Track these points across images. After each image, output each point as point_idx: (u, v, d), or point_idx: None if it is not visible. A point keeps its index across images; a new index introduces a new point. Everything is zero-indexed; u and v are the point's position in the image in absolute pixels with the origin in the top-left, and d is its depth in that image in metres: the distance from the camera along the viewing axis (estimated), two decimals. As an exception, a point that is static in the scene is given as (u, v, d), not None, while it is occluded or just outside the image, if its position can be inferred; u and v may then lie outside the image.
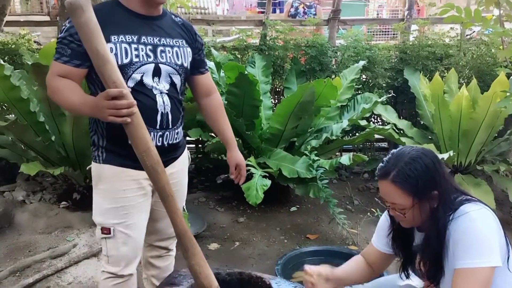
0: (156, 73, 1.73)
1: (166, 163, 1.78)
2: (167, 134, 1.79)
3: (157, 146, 1.67)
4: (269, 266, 2.82)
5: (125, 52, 1.67)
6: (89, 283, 2.66)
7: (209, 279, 1.65)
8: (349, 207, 3.73)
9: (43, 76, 1.79)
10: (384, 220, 1.79)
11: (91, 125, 1.82)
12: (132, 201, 1.80)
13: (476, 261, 1.41)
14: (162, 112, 1.75)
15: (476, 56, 4.27)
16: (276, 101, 4.57)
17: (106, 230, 1.79)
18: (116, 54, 1.64)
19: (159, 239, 2.08)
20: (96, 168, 1.81)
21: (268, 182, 2.98)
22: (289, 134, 3.50)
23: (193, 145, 4.65)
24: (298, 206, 3.72)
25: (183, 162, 2.01)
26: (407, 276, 1.76)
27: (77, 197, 3.41)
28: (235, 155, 2.08)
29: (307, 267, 1.79)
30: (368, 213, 3.30)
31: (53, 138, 3.33)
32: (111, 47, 1.63)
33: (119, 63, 1.63)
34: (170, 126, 1.79)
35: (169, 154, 1.84)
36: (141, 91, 1.69)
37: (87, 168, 2.09)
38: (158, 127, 1.75)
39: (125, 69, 1.66)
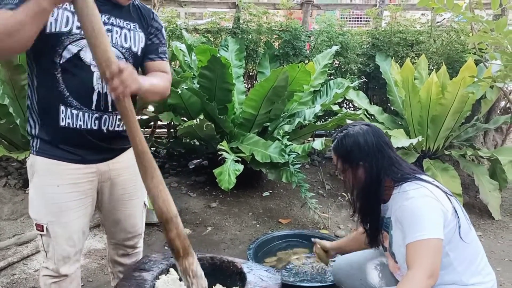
0: None
1: (112, 153, 1.70)
2: (105, 118, 1.62)
3: (92, 130, 1.58)
4: (241, 251, 2.82)
5: (66, 20, 1.50)
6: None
7: (167, 204, 1.51)
8: (320, 192, 3.76)
9: (5, 57, 1.70)
10: None
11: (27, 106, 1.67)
12: (66, 199, 1.65)
13: (418, 234, 1.49)
14: (99, 92, 1.58)
15: (446, 43, 4.35)
16: (249, 85, 4.54)
17: (39, 227, 1.67)
18: (56, 20, 1.48)
19: (124, 238, 1.98)
20: (30, 160, 1.66)
21: (241, 167, 2.96)
22: (262, 119, 3.48)
23: (165, 130, 4.59)
24: (270, 191, 3.73)
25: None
26: (372, 246, 1.86)
27: (43, 183, 3.30)
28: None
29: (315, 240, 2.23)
30: (339, 197, 3.34)
31: (17, 121, 3.20)
32: (53, 11, 1.45)
33: (57, 30, 1.48)
34: (110, 110, 1.62)
35: (111, 142, 1.69)
36: (76, 64, 1.54)
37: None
38: (94, 107, 1.59)
39: (62, 38, 1.50)
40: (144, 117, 3.66)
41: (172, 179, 3.92)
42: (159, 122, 4.10)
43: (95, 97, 1.59)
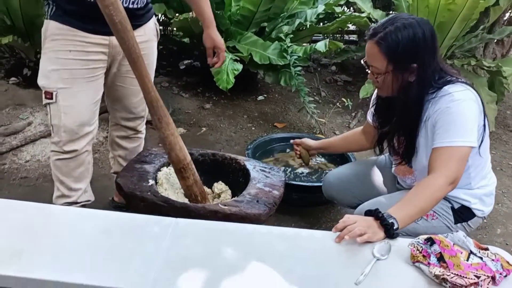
0: None
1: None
2: None
3: None
4: (238, 151, 2.78)
5: None
6: (49, 161, 2.52)
7: (184, 152, 1.59)
8: (316, 99, 3.68)
9: None
10: (375, 93, 1.75)
11: None
12: (78, 66, 1.63)
13: (454, 140, 1.40)
14: None
15: None
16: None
17: (48, 95, 1.65)
18: None
19: (125, 118, 1.94)
20: (44, 25, 1.64)
21: (240, 67, 2.82)
22: (261, 17, 3.26)
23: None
24: (265, 95, 3.63)
25: (151, 31, 1.81)
26: (381, 151, 1.76)
27: (28, 73, 3.12)
28: (213, 35, 1.88)
29: (292, 141, 2.02)
30: (338, 103, 3.27)
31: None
32: None
33: None
34: None
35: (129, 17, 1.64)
36: None
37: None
38: None
39: None
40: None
41: (162, 79, 3.76)
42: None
43: None
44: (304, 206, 2.30)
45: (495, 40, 4.02)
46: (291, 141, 2.10)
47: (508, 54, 4.03)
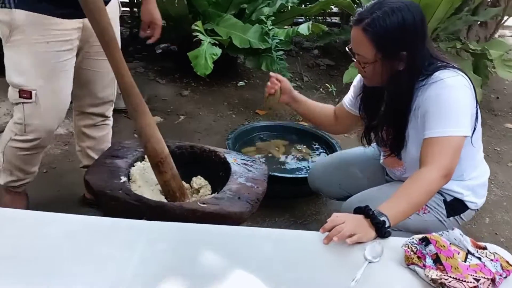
0: None
1: None
2: None
3: None
4: (218, 141, 2.66)
5: None
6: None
7: (162, 144, 1.48)
8: (299, 84, 3.56)
9: None
10: (359, 79, 1.63)
11: None
12: (58, 58, 1.49)
13: (447, 129, 1.31)
14: None
15: None
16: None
17: (25, 94, 1.49)
18: None
19: (91, 104, 1.80)
20: (6, 15, 1.44)
21: (219, 51, 2.68)
22: (241, -2, 3.11)
23: (127, 9, 4.12)
24: (246, 81, 3.49)
25: (115, 8, 1.68)
26: (369, 143, 1.67)
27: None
28: (152, 10, 1.79)
29: (272, 73, 1.70)
30: (321, 89, 3.16)
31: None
32: None
33: None
34: None
35: None
36: None
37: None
38: None
39: None
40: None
41: (137, 64, 3.59)
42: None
43: None
44: (288, 198, 2.20)
45: (479, 23, 3.96)
46: (271, 73, 1.71)
47: (492, 37, 3.98)
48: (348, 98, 1.70)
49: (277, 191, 2.08)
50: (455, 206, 1.53)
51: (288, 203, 2.18)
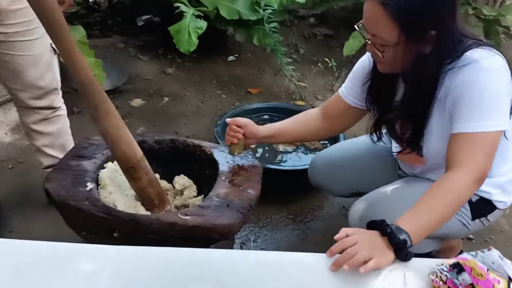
0: None
1: None
2: None
3: None
4: (206, 126, 2.41)
5: None
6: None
7: (132, 147, 1.23)
8: (294, 57, 3.27)
9: None
10: (363, 63, 1.36)
11: None
12: None
13: (482, 123, 1.08)
14: None
15: None
16: None
17: None
18: None
19: (32, 97, 1.52)
20: None
21: (204, 24, 2.39)
22: (228, -37, 2.78)
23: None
24: (237, 55, 3.19)
25: None
26: (379, 138, 1.42)
27: None
28: None
29: (229, 120, 1.43)
30: (319, 64, 2.88)
31: None
32: None
33: None
34: None
35: None
36: None
37: None
38: None
39: None
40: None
41: (116, 39, 3.28)
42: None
43: None
44: (285, 192, 1.97)
45: (488, -14, 3.66)
46: (227, 120, 1.45)
47: (504, 2, 3.68)
48: (349, 88, 1.42)
49: (273, 184, 1.85)
50: (482, 207, 1.31)
51: (285, 197, 1.95)
